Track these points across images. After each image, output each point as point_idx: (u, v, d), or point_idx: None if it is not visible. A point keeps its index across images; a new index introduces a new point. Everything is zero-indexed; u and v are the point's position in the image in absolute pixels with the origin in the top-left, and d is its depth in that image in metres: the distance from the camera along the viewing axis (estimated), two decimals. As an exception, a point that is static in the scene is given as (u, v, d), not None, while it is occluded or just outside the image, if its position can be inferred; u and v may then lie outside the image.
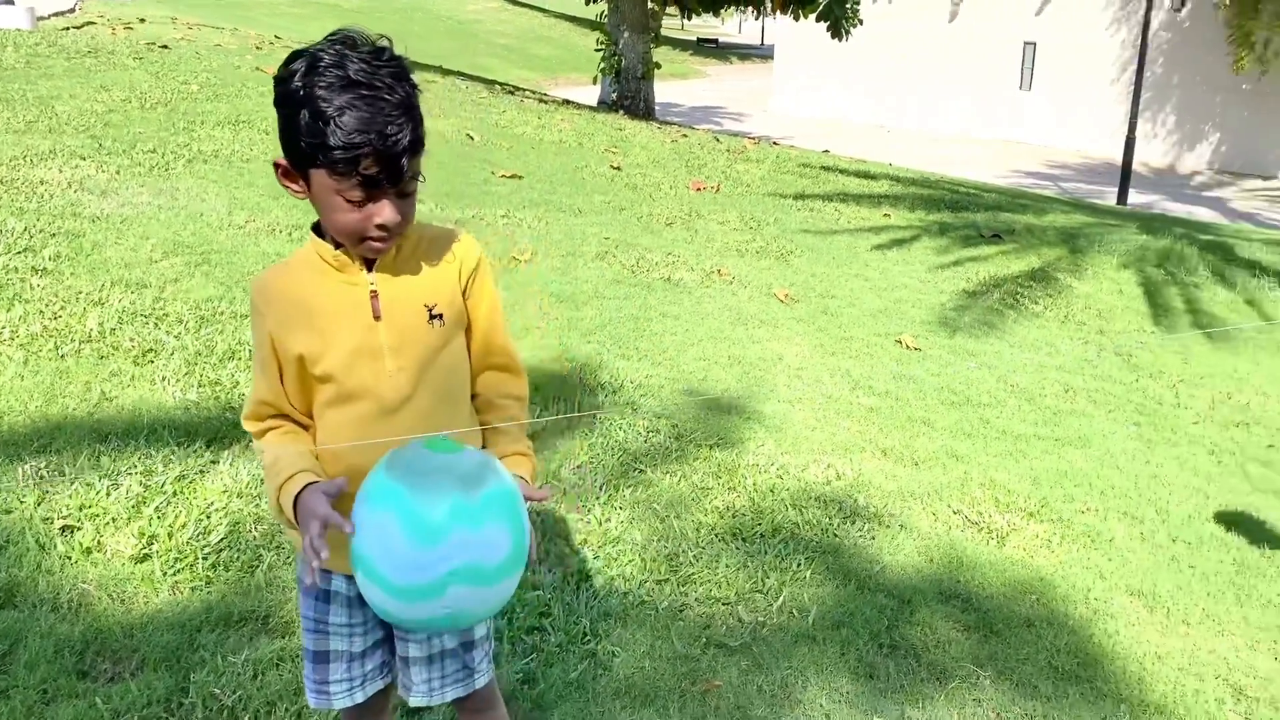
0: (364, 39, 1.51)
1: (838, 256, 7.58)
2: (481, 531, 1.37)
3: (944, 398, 4.85)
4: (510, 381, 1.81)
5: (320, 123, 1.42)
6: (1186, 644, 2.99)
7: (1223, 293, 7.73)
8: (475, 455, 1.46)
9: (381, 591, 1.39)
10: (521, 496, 1.48)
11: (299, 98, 1.44)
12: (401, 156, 1.46)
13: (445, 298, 1.66)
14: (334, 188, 1.46)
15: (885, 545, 3.38)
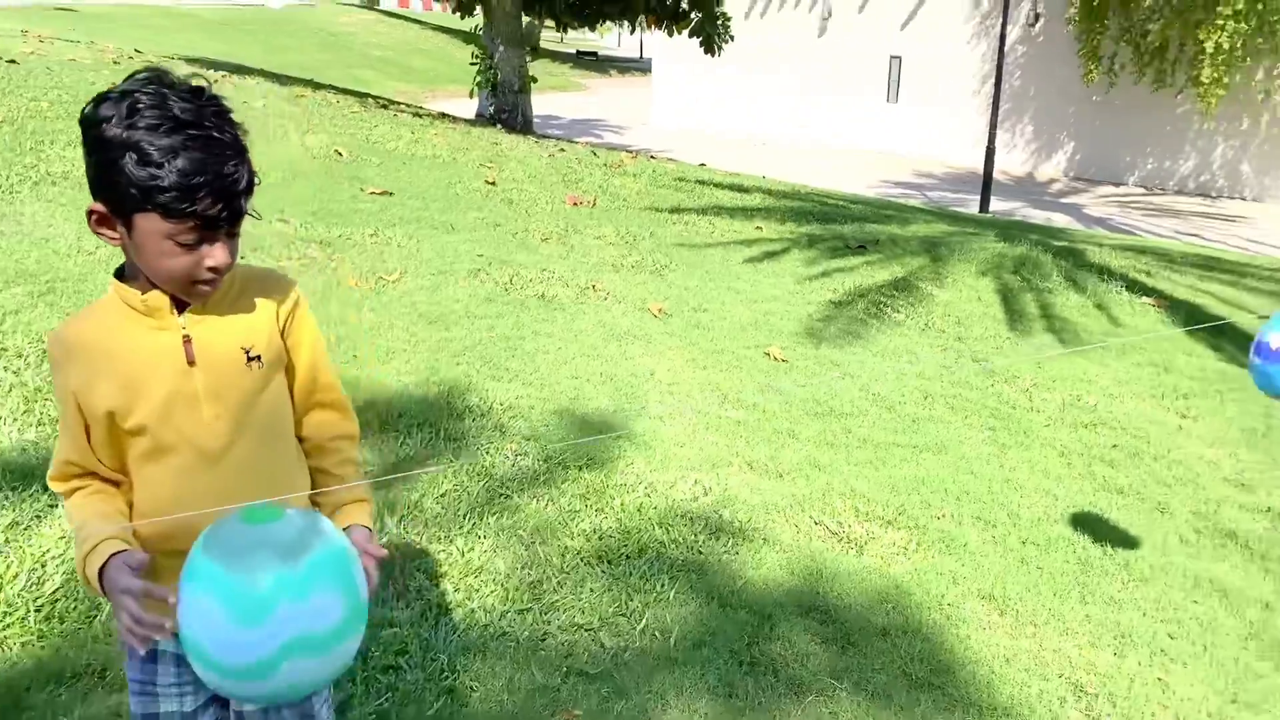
0: (178, 79, 1.47)
1: (711, 270, 7.68)
2: (309, 601, 1.33)
3: (809, 408, 4.96)
4: (339, 421, 1.78)
5: (151, 166, 1.38)
6: (1033, 645, 3.12)
7: (1074, 297, 8.10)
8: (297, 520, 1.42)
9: (215, 675, 1.35)
10: (354, 553, 1.44)
11: (121, 141, 1.39)
12: (239, 197, 1.46)
13: (263, 339, 1.63)
14: (165, 232, 1.43)
15: (749, 560, 3.43)
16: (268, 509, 1.41)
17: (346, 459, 1.78)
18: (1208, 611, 3.41)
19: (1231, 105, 17.51)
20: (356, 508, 1.75)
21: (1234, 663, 3.11)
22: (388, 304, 5.56)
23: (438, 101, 25.44)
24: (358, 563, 1.42)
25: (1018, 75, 20.56)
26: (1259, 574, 3.76)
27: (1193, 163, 18.64)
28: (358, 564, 1.42)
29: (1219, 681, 2.99)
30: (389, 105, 16.16)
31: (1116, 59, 18.45)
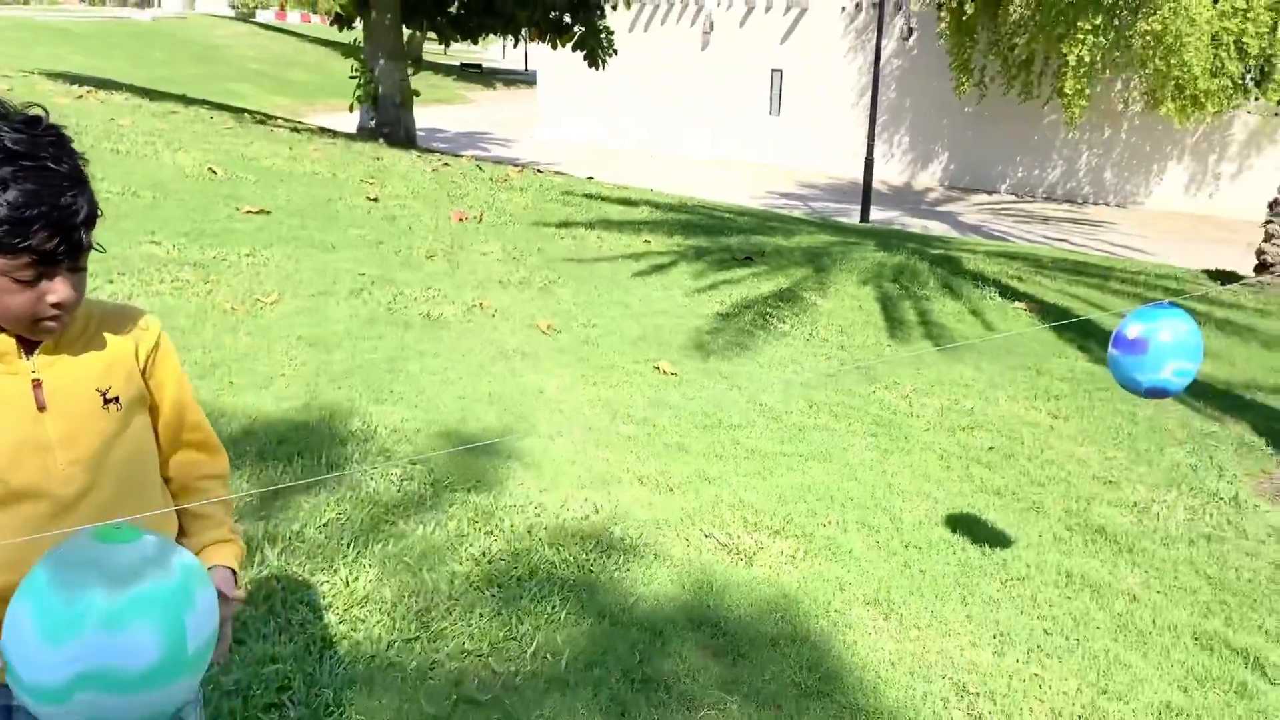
0: (13, 108, 1.41)
1: (600, 284, 7.69)
2: (122, 635, 1.25)
3: (698, 421, 5.00)
4: (207, 461, 1.72)
5: None
6: (917, 647, 3.20)
7: (950, 303, 8.38)
8: (149, 547, 1.34)
9: (17, 687, 1.27)
10: (200, 597, 1.37)
11: None
12: (79, 229, 1.40)
13: (121, 379, 1.56)
14: (1, 268, 1.37)
15: (640, 576, 3.43)
16: (125, 530, 1.33)
17: (215, 499, 1.72)
18: (1080, 606, 3.55)
19: (1094, 115, 18.40)
20: (221, 548, 1.68)
21: (1104, 654, 3.24)
22: (265, 327, 5.40)
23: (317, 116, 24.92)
24: (199, 610, 1.33)
25: (893, 88, 21.21)
26: (1127, 567, 3.93)
27: (1060, 170, 19.51)
28: (198, 611, 1.33)
29: (1091, 674, 3.12)
30: (266, 120, 15.75)
31: (986, 71, 19.20)
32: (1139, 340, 2.83)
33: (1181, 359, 2.79)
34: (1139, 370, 2.83)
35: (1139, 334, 2.83)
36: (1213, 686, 3.12)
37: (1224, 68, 15.83)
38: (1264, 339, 8.02)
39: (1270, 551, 4.16)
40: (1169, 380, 2.82)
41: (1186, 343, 2.80)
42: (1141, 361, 2.82)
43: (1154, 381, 2.83)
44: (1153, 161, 18.59)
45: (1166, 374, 2.81)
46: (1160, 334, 2.81)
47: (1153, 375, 2.81)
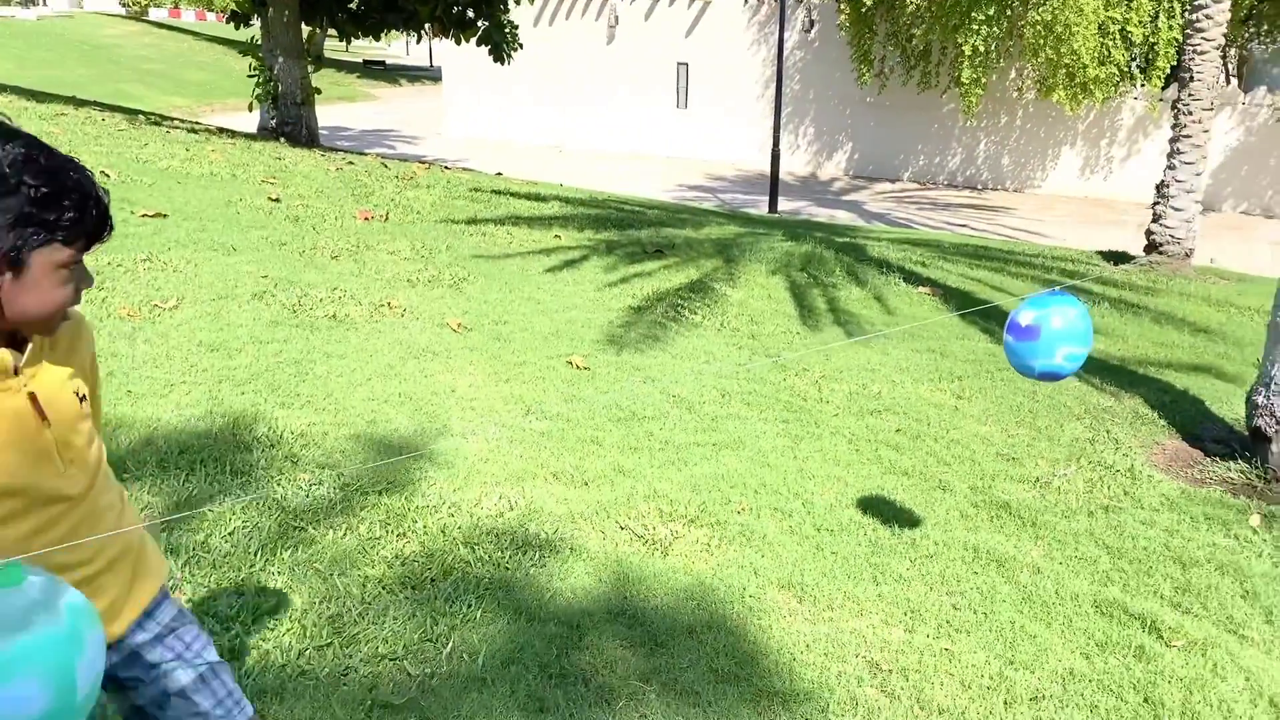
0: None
1: (510, 281, 7.64)
2: (9, 688, 1.19)
3: (612, 415, 5.01)
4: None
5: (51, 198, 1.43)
6: (831, 628, 3.25)
7: (856, 290, 8.54)
8: (35, 589, 1.28)
9: None
10: (88, 639, 1.30)
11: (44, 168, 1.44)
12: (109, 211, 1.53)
13: (82, 376, 1.63)
14: (58, 261, 1.46)
15: (556, 571, 3.42)
16: (13, 571, 1.28)
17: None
18: (986, 581, 3.65)
19: (991, 103, 18.90)
20: None
21: (1010, 626, 3.34)
22: (164, 333, 5.24)
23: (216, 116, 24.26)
24: (88, 653, 1.29)
25: (797, 80, 21.48)
26: (1030, 540, 4.05)
27: (959, 158, 20.01)
28: (87, 655, 1.29)
29: (998, 646, 3.21)
30: (161, 121, 15.26)
31: (886, 62, 19.58)
32: (1032, 327, 2.92)
33: (1071, 344, 2.90)
34: (1032, 356, 2.93)
35: (1031, 321, 2.93)
36: (1113, 651, 3.24)
37: (1111, 56, 16.41)
38: (1154, 315, 8.35)
39: (1164, 519, 4.33)
40: (1061, 365, 2.93)
41: (1076, 328, 2.91)
42: (1034, 347, 2.92)
43: (1046, 366, 2.92)
44: (1047, 147, 19.19)
45: (1058, 359, 2.91)
46: (1051, 320, 2.91)
47: (1045, 360, 2.91)
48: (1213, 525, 4.30)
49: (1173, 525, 4.26)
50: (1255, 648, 3.33)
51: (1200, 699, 2.98)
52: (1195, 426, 5.67)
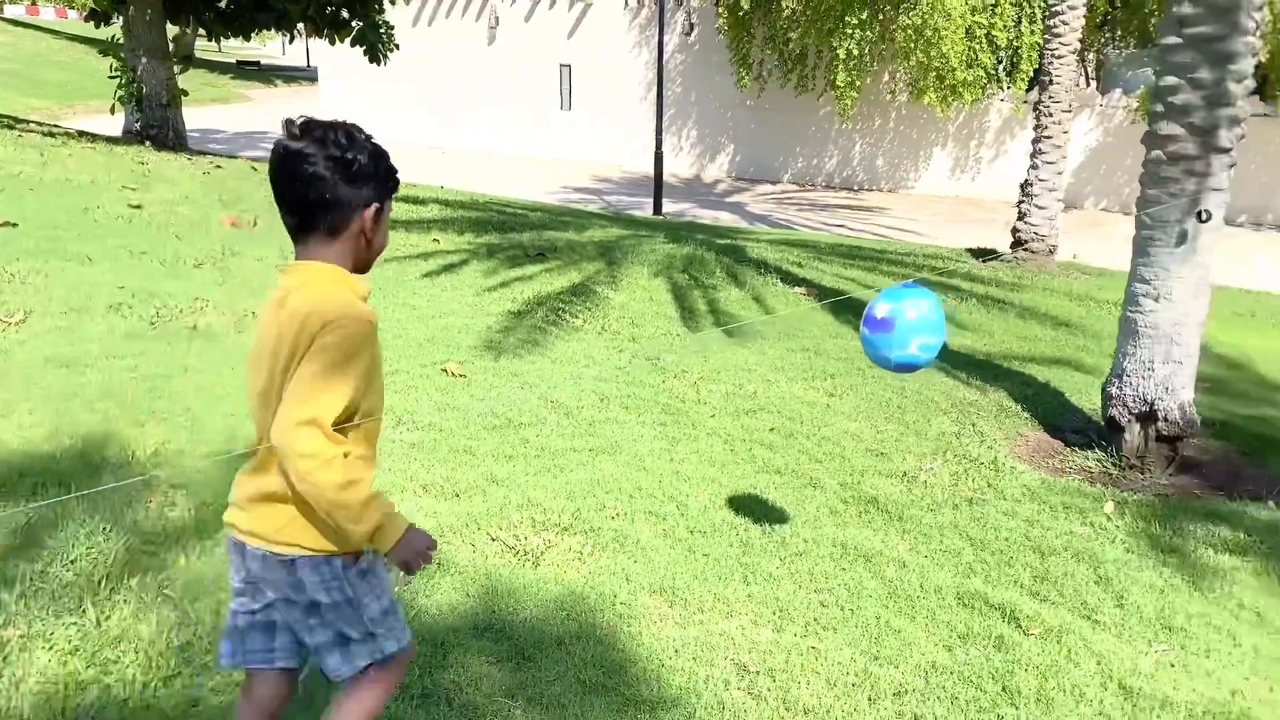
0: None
1: (385, 287, 7.47)
2: None
3: (487, 423, 4.93)
4: None
5: (390, 165, 1.99)
6: (700, 631, 3.25)
7: (735, 291, 8.63)
8: None
9: None
10: None
11: (378, 152, 1.97)
12: None
13: None
14: (388, 211, 2.04)
15: (422, 588, 3.34)
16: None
17: None
18: (854, 577, 3.70)
19: (865, 106, 19.36)
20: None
21: (876, 621, 3.39)
22: (7, 350, 4.95)
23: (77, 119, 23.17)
24: None
25: (679, 82, 21.64)
26: (896, 535, 4.14)
27: (836, 160, 20.44)
28: None
29: (864, 642, 3.26)
30: (15, 124, 14.48)
31: (764, 65, 19.86)
32: (886, 319, 2.97)
33: (925, 334, 2.96)
34: (887, 347, 2.98)
35: (886, 313, 2.98)
36: (974, 642, 3.32)
37: (978, 59, 16.98)
38: (1019, 310, 8.66)
39: (1024, 510, 4.48)
40: (916, 355, 2.99)
41: (929, 318, 2.97)
42: (889, 339, 2.97)
43: (902, 357, 2.98)
44: (920, 148, 19.76)
45: (913, 349, 2.97)
46: (905, 312, 2.97)
47: (900, 351, 2.96)
48: (1070, 514, 4.46)
49: (1033, 515, 4.41)
50: (1107, 632, 3.46)
51: (1055, 685, 3.08)
52: (1056, 418, 5.89)
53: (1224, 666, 3.28)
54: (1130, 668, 3.22)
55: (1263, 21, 4.95)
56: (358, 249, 1.97)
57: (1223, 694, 3.13)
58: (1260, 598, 3.77)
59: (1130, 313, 5.23)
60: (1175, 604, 3.67)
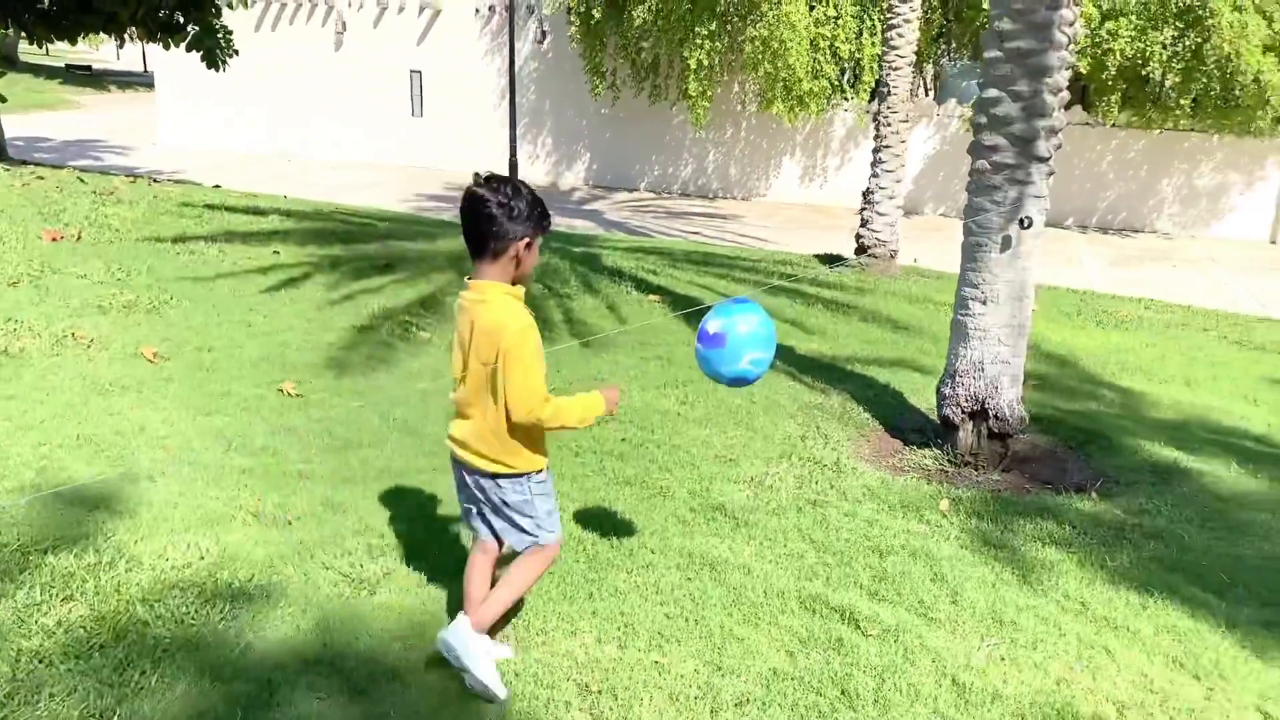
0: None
1: (220, 303, 7.13)
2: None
3: (325, 444, 4.75)
4: None
5: (542, 210, 2.78)
6: (543, 653, 3.19)
7: (590, 300, 8.60)
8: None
9: None
10: None
11: (534, 200, 2.76)
12: None
13: None
14: (539, 244, 2.81)
15: (250, 623, 3.17)
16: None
17: None
18: (699, 586, 3.70)
19: (717, 115, 19.67)
20: None
21: (720, 630, 3.39)
22: None
23: (-118, 125, 21.41)
24: None
25: (533, 90, 21.54)
26: (743, 541, 4.16)
27: (691, 168, 20.71)
28: None
29: (707, 653, 3.25)
30: None
31: (618, 74, 19.96)
32: (719, 334, 2.99)
33: (756, 349, 3.00)
34: (720, 363, 3.01)
35: (718, 329, 3.00)
36: (814, 646, 3.36)
37: (822, 70, 17.48)
38: (862, 314, 8.91)
39: (865, 510, 4.58)
40: (747, 369, 3.02)
41: (758, 334, 3.01)
42: (722, 354, 3.00)
43: (734, 372, 3.01)
44: (770, 157, 20.21)
45: (744, 364, 3.00)
46: (737, 327, 2.99)
47: (732, 366, 2.99)
48: (908, 512, 4.59)
49: (872, 515, 4.51)
50: (942, 629, 3.55)
51: (892, 685, 3.14)
52: (896, 418, 6.06)
53: (1050, 657, 3.41)
54: (963, 663, 3.31)
55: (1075, 36, 5.21)
56: (511, 270, 2.76)
57: (1049, 684, 3.25)
58: (1084, 588, 3.94)
59: (960, 316, 5.43)
60: (1006, 598, 3.80)
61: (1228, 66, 15.22)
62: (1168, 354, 8.62)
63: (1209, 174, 17.80)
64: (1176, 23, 15.58)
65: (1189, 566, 4.20)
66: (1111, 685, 3.27)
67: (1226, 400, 7.25)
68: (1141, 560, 4.23)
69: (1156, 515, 4.75)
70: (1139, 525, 4.59)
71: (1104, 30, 15.95)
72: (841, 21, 17.41)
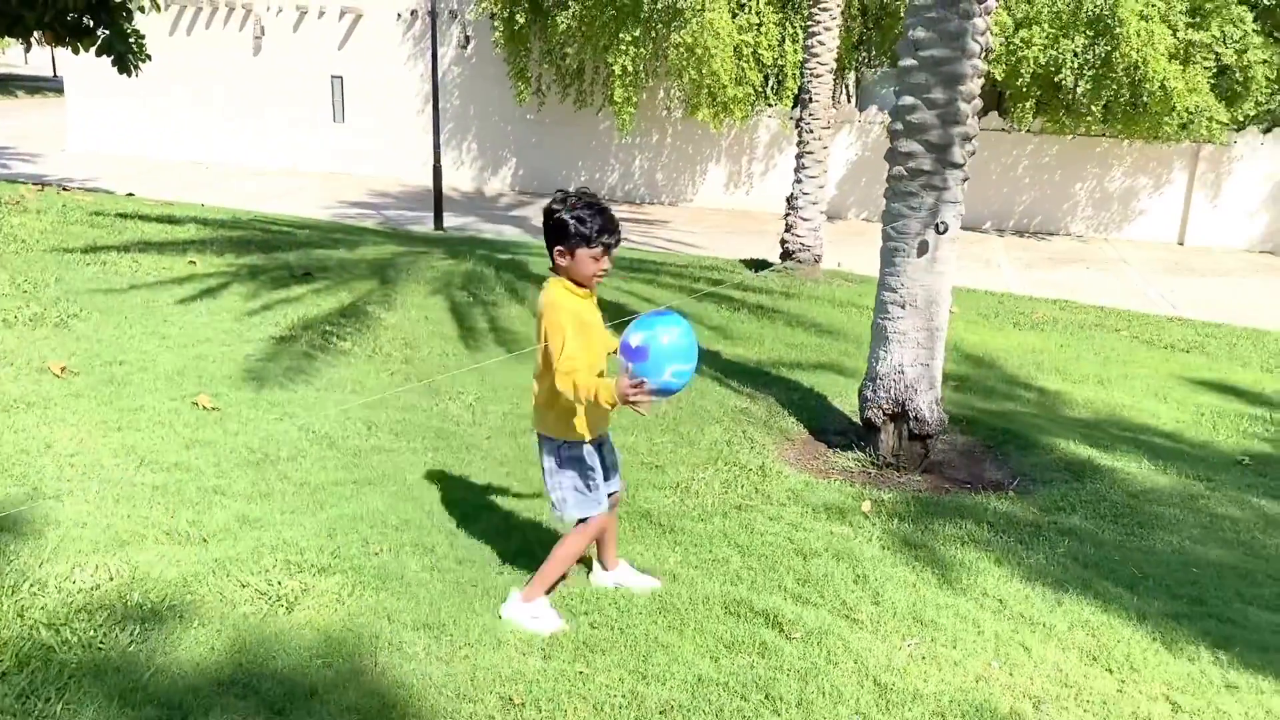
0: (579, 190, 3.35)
1: (132, 315, 6.93)
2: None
3: (242, 459, 4.63)
4: None
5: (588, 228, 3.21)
6: (467, 666, 3.15)
7: (516, 308, 8.55)
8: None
9: None
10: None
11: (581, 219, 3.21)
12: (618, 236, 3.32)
13: None
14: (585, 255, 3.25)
15: (162, 645, 3.07)
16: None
17: None
18: (624, 594, 3.69)
19: (643, 121, 19.70)
20: None
21: (645, 639, 3.39)
22: None
23: None
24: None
25: (457, 95, 21.35)
26: (669, 548, 4.17)
27: (618, 174, 20.72)
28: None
29: (632, 661, 3.24)
30: None
31: (543, 80, 19.89)
32: (641, 348, 3.01)
33: (678, 361, 3.04)
34: (644, 375, 3.02)
35: (640, 342, 3.01)
36: (739, 651, 3.37)
37: (746, 77, 17.63)
38: (787, 318, 9.01)
39: (789, 514, 4.62)
40: (670, 381, 3.05)
41: (680, 345, 3.05)
42: (645, 367, 3.02)
43: (658, 384, 3.02)
44: (696, 163, 20.32)
45: (667, 376, 3.03)
46: (659, 340, 3.02)
47: (655, 378, 3.02)
48: (831, 514, 4.64)
49: (797, 518, 4.55)
50: (864, 629, 3.60)
51: (814, 688, 3.17)
52: (821, 421, 6.14)
53: (969, 655, 3.47)
54: (885, 664, 3.36)
55: (988, 45, 5.33)
56: (565, 270, 3.25)
57: (968, 682, 3.31)
58: (1001, 585, 4.03)
59: (880, 320, 5.52)
60: (926, 597, 3.87)
61: (1135, 74, 15.72)
62: (1082, 354, 8.87)
63: (1120, 178, 18.37)
64: (1087, 31, 16.05)
65: (1102, 562, 4.32)
66: (1028, 680, 3.34)
67: (1138, 398, 7.48)
68: (1057, 557, 4.33)
69: (1071, 512, 4.88)
70: (1054, 523, 4.71)
71: (1018, 38, 16.37)
72: (764, 29, 17.59)
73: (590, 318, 3.25)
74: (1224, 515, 5.04)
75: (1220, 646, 3.65)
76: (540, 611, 3.43)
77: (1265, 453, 6.31)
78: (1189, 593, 4.09)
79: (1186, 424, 6.87)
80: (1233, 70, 16.26)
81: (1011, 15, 16.62)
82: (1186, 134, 16.41)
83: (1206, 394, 7.75)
